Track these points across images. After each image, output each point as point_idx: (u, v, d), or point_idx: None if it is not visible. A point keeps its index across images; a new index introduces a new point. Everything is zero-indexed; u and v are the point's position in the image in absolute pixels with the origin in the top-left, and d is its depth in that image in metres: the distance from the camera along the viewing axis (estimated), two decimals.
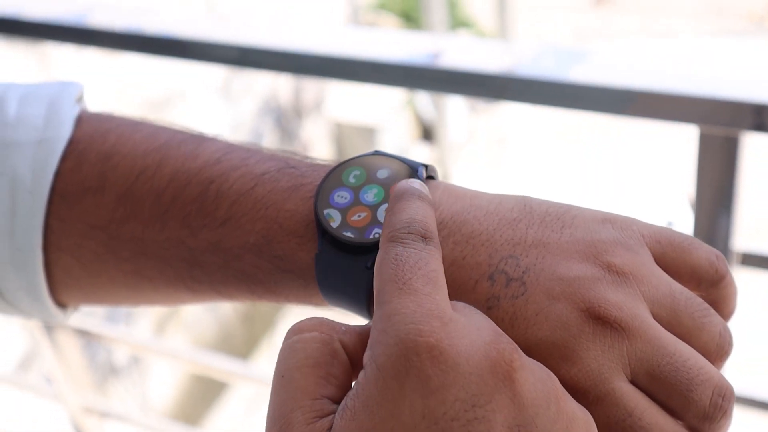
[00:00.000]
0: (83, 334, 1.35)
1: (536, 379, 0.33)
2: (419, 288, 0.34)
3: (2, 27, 0.99)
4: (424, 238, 0.37)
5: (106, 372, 3.63)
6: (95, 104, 0.55)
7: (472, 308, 0.35)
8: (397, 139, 5.81)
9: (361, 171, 0.44)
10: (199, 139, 0.49)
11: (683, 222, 4.14)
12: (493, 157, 6.04)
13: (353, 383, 0.33)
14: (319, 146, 5.60)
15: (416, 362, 0.31)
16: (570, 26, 7.38)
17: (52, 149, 0.49)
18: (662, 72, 0.74)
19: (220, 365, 1.32)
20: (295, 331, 0.35)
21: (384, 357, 0.32)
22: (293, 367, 0.34)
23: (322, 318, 0.36)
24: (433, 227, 0.38)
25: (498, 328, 0.34)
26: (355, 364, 0.35)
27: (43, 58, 3.36)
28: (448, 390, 0.31)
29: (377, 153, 0.45)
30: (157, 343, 1.41)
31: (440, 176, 0.45)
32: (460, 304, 0.35)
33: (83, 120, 0.51)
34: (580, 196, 5.38)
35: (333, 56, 0.85)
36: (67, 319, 0.54)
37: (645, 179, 5.40)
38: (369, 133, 5.62)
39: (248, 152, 0.47)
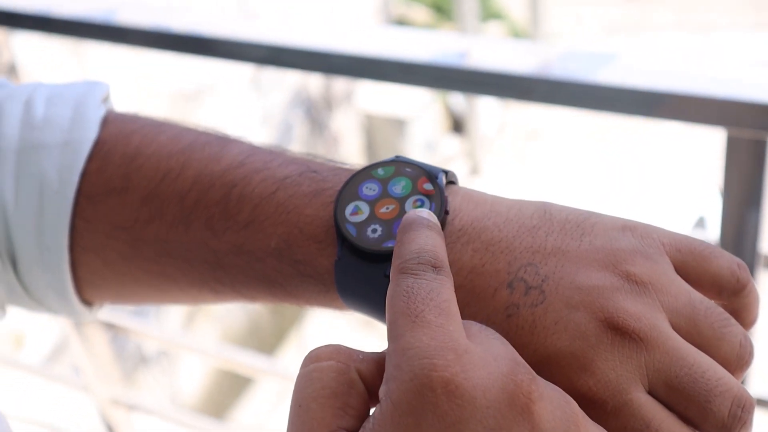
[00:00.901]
0: (111, 327, 1.37)
1: (555, 407, 0.33)
2: (432, 320, 0.33)
3: (33, 23, 1.00)
4: (435, 267, 0.36)
5: (136, 362, 3.66)
6: (126, 96, 0.56)
7: (489, 332, 0.35)
8: (428, 131, 5.80)
9: (377, 184, 0.44)
10: (223, 141, 0.49)
11: (715, 216, 4.10)
12: (523, 151, 6.01)
13: (370, 415, 0.33)
14: (349, 138, 5.60)
15: (431, 398, 0.31)
16: (602, 19, 7.32)
17: (78, 150, 0.50)
18: (690, 74, 0.73)
19: (247, 361, 1.32)
20: (312, 359, 0.35)
21: (399, 393, 0.32)
22: (309, 398, 0.34)
23: (339, 345, 0.35)
24: (443, 256, 0.37)
25: (516, 354, 0.34)
26: (372, 393, 0.35)
27: (76, 48, 3.39)
28: (465, 425, 0.31)
29: (398, 158, 0.45)
30: (184, 338, 1.42)
31: (470, 169, 0.45)
32: (475, 328, 0.35)
33: (109, 121, 0.52)
34: (612, 191, 5.35)
35: (361, 56, 0.85)
36: (94, 316, 0.55)
37: (677, 174, 5.36)
38: (399, 124, 5.62)
39: (271, 155, 0.48)
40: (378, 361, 0.35)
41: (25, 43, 2.66)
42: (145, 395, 3.65)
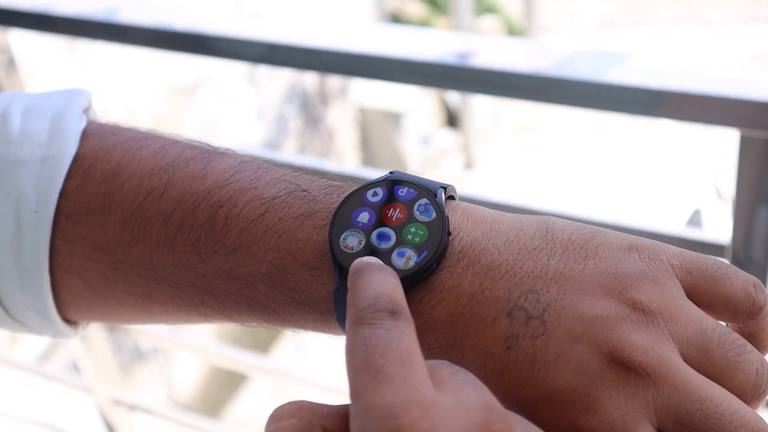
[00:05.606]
0: (109, 325, 1.36)
1: None
2: (394, 373, 0.31)
3: (34, 22, 0.99)
4: (393, 313, 0.33)
5: (133, 357, 3.66)
6: (122, 91, 0.53)
7: (461, 375, 0.33)
8: (422, 125, 5.80)
9: (370, 213, 0.41)
10: (209, 156, 0.47)
11: (711, 209, 4.11)
12: (518, 145, 6.01)
13: None
14: (344, 132, 5.59)
15: None
16: (597, 13, 7.31)
17: (56, 167, 0.47)
18: (702, 74, 0.73)
19: (242, 358, 1.32)
20: (274, 418, 0.33)
21: None
22: None
23: (302, 402, 0.33)
24: (400, 299, 0.34)
25: (491, 399, 0.32)
26: None
27: (72, 42, 3.37)
28: None
29: (393, 175, 0.43)
30: (180, 336, 1.41)
31: (464, 163, 0.43)
32: (445, 372, 0.33)
33: (89, 134, 0.49)
34: (607, 183, 5.35)
35: (361, 54, 0.84)
36: (78, 334, 0.52)
37: (673, 167, 5.36)
38: (394, 118, 5.61)
39: (258, 171, 0.45)
40: (344, 414, 0.33)
41: (22, 38, 2.64)
42: (146, 395, 3.64)
